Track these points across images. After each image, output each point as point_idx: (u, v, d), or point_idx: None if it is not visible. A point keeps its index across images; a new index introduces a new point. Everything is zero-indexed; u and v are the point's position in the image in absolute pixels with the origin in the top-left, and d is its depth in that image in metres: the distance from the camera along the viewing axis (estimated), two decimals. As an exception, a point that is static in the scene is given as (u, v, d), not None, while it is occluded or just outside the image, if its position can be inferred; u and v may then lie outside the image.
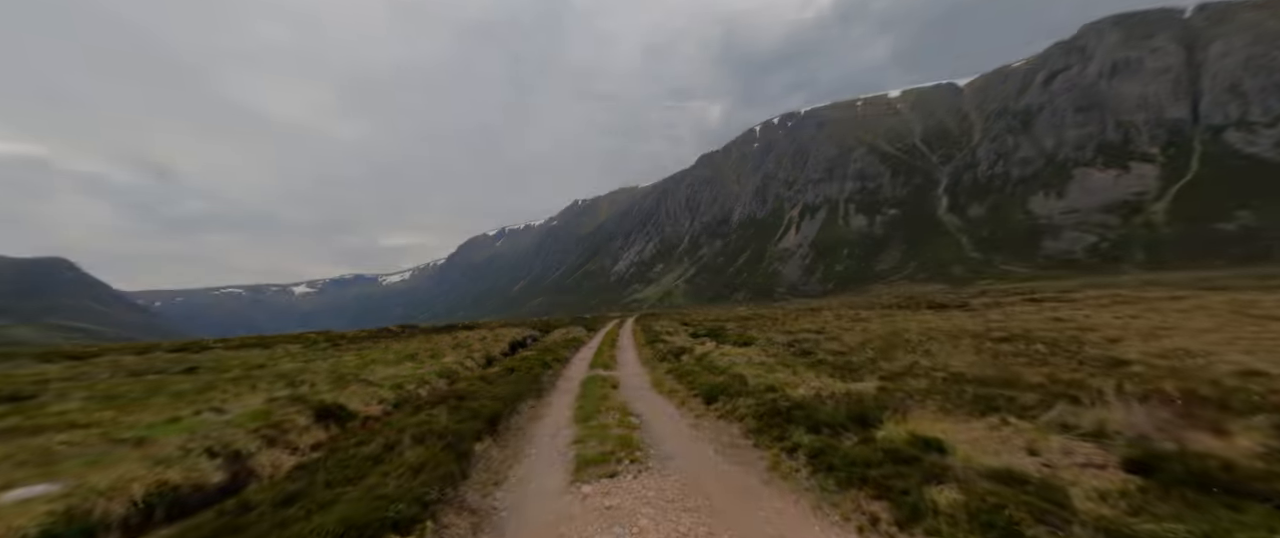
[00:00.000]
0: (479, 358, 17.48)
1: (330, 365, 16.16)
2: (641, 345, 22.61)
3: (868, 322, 27.83)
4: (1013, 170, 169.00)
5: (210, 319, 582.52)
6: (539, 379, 12.70)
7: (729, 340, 19.57)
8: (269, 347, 27.61)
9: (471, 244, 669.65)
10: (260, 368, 16.61)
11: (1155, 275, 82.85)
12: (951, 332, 19.18)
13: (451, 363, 15.28)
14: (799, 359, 13.54)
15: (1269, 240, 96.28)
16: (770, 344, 17.71)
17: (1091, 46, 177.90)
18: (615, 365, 16.18)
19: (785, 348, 16.76)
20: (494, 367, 16.11)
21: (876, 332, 20.97)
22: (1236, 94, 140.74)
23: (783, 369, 10.95)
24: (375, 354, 19.86)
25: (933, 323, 24.22)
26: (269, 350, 25.60)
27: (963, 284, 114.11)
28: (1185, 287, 47.79)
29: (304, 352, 23.98)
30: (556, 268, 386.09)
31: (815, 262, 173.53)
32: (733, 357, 13.54)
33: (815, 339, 19.34)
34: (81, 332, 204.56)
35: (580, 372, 14.90)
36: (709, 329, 26.90)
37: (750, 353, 14.41)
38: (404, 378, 11.86)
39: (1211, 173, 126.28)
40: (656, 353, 18.29)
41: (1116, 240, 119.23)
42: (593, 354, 19.77)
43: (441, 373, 13.56)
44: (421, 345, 23.15)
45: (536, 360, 15.52)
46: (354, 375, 12.61)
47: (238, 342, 30.88)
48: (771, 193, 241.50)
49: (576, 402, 10.01)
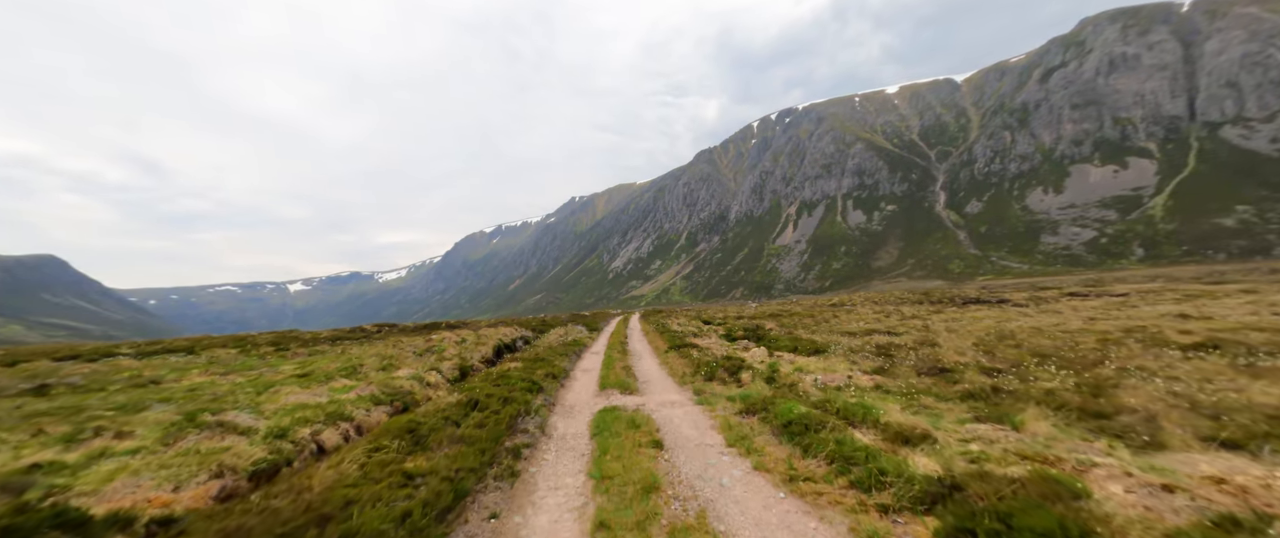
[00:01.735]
0: (450, 369, 13.97)
1: (231, 386, 12.34)
2: (662, 352, 18.08)
3: (922, 319, 23.08)
4: (1010, 166, 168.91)
5: (203, 317, 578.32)
6: (518, 421, 8.05)
7: (782, 345, 15.50)
8: (195, 353, 23.12)
9: (468, 241, 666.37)
10: (149, 387, 12.62)
11: (1159, 270, 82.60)
12: (1064, 332, 14.36)
13: (406, 380, 11.39)
14: (924, 380, 9.32)
15: (1269, 235, 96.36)
16: (851, 352, 13.27)
17: (1089, 42, 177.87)
18: (635, 384, 11.74)
19: (876, 356, 12.47)
20: (470, 380, 12.55)
21: (971, 331, 16.00)
22: (1233, 90, 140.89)
23: (957, 410, 7.07)
24: (322, 363, 16.60)
25: (1016, 321, 18.83)
26: (193, 356, 21.61)
27: (961, 280, 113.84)
28: (1200, 280, 47.29)
29: (238, 358, 20.15)
30: (553, 265, 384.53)
31: (813, 258, 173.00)
32: (815, 373, 9.60)
33: (896, 343, 14.50)
34: (68, 329, 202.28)
35: (586, 395, 10.76)
36: (745, 329, 22.48)
37: (836, 367, 10.33)
38: (309, 414, 7.84)
39: (1209, 169, 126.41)
40: (690, 364, 13.87)
41: (1115, 235, 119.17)
42: (600, 363, 15.89)
43: (385, 397, 9.63)
44: (388, 350, 19.88)
45: (522, 377, 11.32)
46: (247, 405, 8.92)
47: (162, 346, 25.97)
48: (769, 189, 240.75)
49: (591, 496, 5.37)
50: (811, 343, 15.58)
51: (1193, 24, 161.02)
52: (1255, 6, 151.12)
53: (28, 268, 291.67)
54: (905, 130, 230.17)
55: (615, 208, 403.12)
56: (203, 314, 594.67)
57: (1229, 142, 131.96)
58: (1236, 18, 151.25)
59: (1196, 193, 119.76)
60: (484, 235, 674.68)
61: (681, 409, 8.86)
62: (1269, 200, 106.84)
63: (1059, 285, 52.45)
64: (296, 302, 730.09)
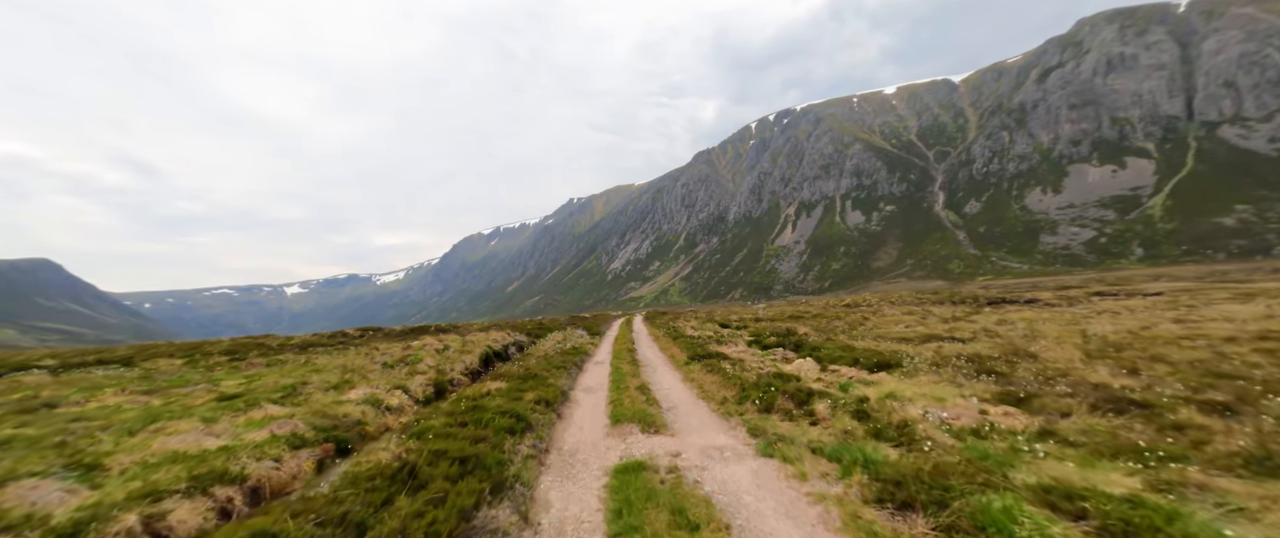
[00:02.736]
0: (423, 386, 11.63)
1: (125, 414, 9.48)
2: (682, 363, 15.17)
3: (969, 321, 20.02)
4: (1009, 166, 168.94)
5: (199, 320, 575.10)
6: (481, 508, 4.74)
7: (833, 356, 12.52)
8: (132, 365, 19.93)
9: (466, 243, 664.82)
10: (39, 413, 10.13)
11: (1160, 270, 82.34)
12: (1188, 340, 11.76)
13: (356, 404, 8.94)
14: (1109, 419, 6.31)
15: (1268, 234, 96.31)
16: (934, 366, 10.26)
17: (1086, 42, 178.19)
18: (660, 415, 8.66)
19: (978, 375, 9.20)
20: (442, 402, 10.37)
21: (1059, 337, 13.10)
22: (1231, 90, 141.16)
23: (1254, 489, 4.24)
24: (271, 377, 14.35)
25: (1095, 324, 16.16)
26: (127, 369, 18.90)
27: (961, 280, 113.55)
28: (1204, 280, 46.90)
29: (180, 371, 17.86)
30: (552, 267, 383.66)
31: (812, 259, 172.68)
32: (917, 403, 7.09)
33: (981, 354, 11.20)
34: (62, 333, 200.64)
35: (592, 432, 7.93)
36: (776, 334, 19.08)
37: (941, 392, 7.67)
38: (176, 474, 5.33)
39: (1207, 168, 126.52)
40: (725, 382, 10.79)
41: (1114, 235, 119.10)
42: (607, 379, 13.20)
43: (317, 433, 7.23)
44: (358, 360, 17.55)
45: (503, 408, 8.13)
46: (86, 459, 6.06)
47: (96, 356, 22.41)
48: (768, 190, 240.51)
49: None
50: (872, 354, 12.11)
51: (1190, 24, 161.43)
52: (1252, 7, 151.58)
53: (22, 271, 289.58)
54: (903, 131, 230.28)
55: (614, 209, 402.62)
56: (198, 317, 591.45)
57: (1227, 141, 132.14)
58: (1233, 18, 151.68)
59: (1195, 192, 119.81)
60: (482, 237, 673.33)
61: (745, 469, 5.87)
62: (1268, 200, 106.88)
63: (1082, 285, 51.71)
64: (294, 305, 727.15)
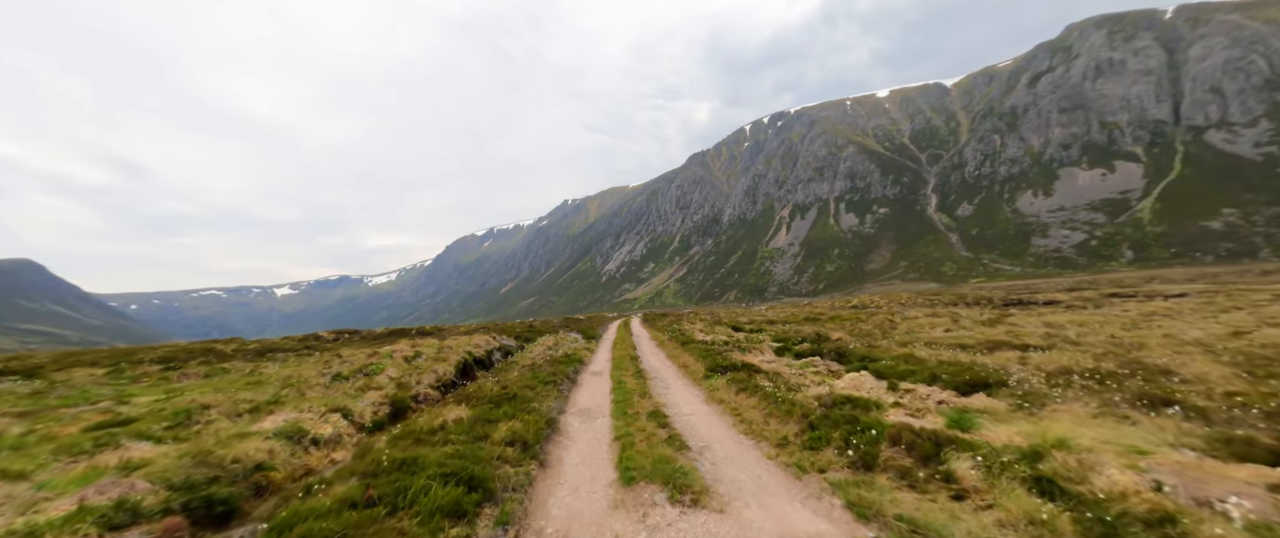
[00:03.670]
0: (376, 403, 9.42)
1: None
2: (700, 377, 12.12)
3: (1015, 324, 18.51)
4: (1000, 170, 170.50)
5: (186, 322, 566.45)
6: None
7: (896, 370, 10.24)
8: (38, 377, 17.32)
9: (459, 245, 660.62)
10: None
11: (1151, 272, 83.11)
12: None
13: (264, 440, 6.61)
14: None
15: (1254, 237, 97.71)
16: (1050, 386, 8.30)
17: (1076, 47, 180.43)
18: (697, 472, 5.75)
19: (1152, 412, 6.74)
20: (396, 426, 8.00)
21: (1156, 345, 11.66)
22: (1217, 95, 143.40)
23: None
24: (191, 394, 12.00)
25: (1182, 329, 14.83)
26: (31, 381, 16.55)
27: (954, 282, 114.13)
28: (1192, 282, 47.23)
29: (94, 384, 15.48)
30: (546, 268, 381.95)
31: (806, 261, 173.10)
32: (1089, 446, 4.86)
33: (1098, 369, 8.99)
34: (45, 335, 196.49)
35: (594, 503, 5.23)
36: (804, 339, 17.11)
37: (1091, 431, 5.60)
38: None
39: (1194, 172, 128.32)
40: (773, 409, 7.90)
41: (1105, 238, 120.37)
42: (608, 399, 10.33)
43: (177, 495, 4.87)
44: (308, 370, 15.69)
45: (444, 476, 5.02)
46: None
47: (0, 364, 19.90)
48: (762, 192, 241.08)
49: None
50: (957, 368, 9.14)
51: (1176, 31, 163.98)
52: (1237, 14, 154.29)
53: (3, 273, 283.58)
54: (896, 134, 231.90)
55: (608, 211, 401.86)
56: (185, 319, 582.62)
57: (1214, 146, 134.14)
58: (1219, 25, 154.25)
59: (1183, 196, 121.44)
60: (475, 238, 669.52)
61: None
62: (1253, 203, 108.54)
63: (1083, 287, 51.86)
64: (283, 306, 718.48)
